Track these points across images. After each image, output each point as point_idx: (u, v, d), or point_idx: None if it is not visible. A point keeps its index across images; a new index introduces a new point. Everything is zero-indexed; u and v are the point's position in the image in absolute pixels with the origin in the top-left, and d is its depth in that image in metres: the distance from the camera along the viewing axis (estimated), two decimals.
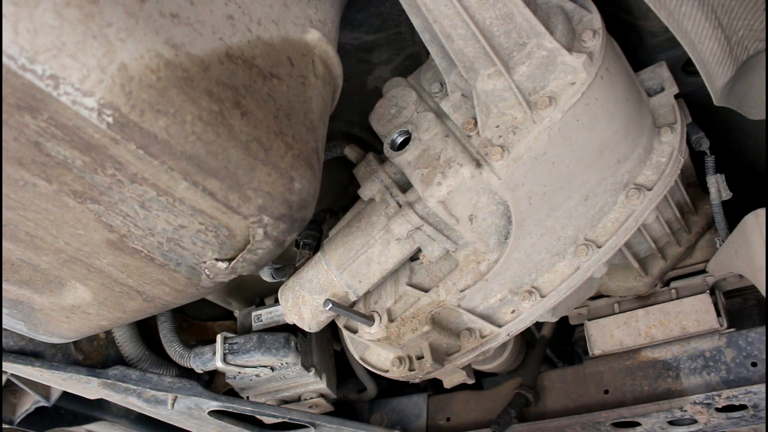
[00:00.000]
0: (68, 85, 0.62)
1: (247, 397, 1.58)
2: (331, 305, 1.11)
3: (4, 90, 0.60)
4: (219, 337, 1.44)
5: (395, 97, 1.16)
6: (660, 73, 1.21)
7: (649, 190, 1.13)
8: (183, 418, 1.64)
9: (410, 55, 1.32)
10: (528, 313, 1.18)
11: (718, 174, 1.30)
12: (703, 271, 1.48)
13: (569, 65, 0.96)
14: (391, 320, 1.19)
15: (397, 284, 1.24)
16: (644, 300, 1.53)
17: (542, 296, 1.17)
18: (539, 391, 1.56)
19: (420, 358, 1.24)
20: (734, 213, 1.30)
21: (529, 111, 0.98)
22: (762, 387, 1.29)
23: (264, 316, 1.52)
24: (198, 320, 1.76)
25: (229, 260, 0.91)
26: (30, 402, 1.86)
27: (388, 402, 1.79)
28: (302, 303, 1.21)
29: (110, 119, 0.65)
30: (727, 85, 1.07)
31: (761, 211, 1.16)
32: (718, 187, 1.30)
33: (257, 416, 1.61)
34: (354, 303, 1.24)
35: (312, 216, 0.93)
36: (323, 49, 0.93)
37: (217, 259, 0.90)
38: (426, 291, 1.20)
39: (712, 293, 1.44)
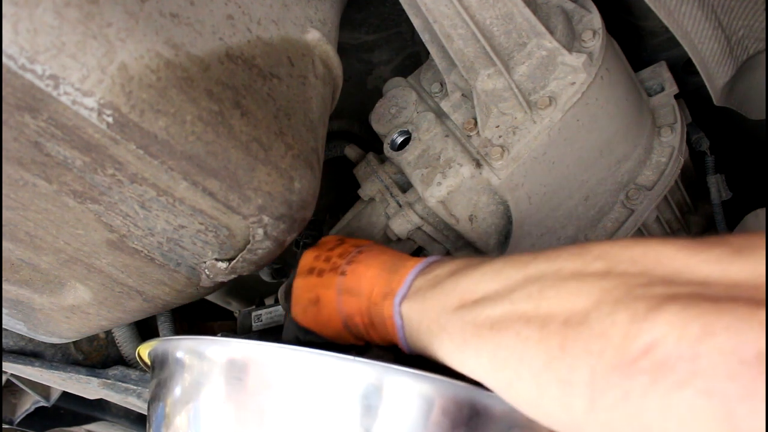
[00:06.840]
0: (68, 85, 0.62)
1: None
2: None
3: (4, 90, 0.60)
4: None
5: (395, 97, 1.16)
6: (660, 73, 1.20)
7: (649, 190, 1.13)
8: None
9: (410, 55, 1.32)
10: None
11: (718, 174, 1.30)
12: None
13: (569, 65, 0.96)
14: None
15: None
16: None
17: None
18: None
19: None
20: (734, 213, 1.30)
21: (529, 111, 0.98)
22: None
23: (264, 316, 1.52)
24: (198, 320, 1.75)
25: (229, 260, 0.91)
26: (30, 402, 1.86)
27: None
28: None
29: (110, 119, 0.65)
30: (727, 85, 1.07)
31: (761, 211, 1.16)
32: (718, 187, 1.30)
33: None
34: None
35: (312, 216, 0.92)
36: (323, 49, 0.93)
37: (217, 259, 0.90)
38: None
39: None
